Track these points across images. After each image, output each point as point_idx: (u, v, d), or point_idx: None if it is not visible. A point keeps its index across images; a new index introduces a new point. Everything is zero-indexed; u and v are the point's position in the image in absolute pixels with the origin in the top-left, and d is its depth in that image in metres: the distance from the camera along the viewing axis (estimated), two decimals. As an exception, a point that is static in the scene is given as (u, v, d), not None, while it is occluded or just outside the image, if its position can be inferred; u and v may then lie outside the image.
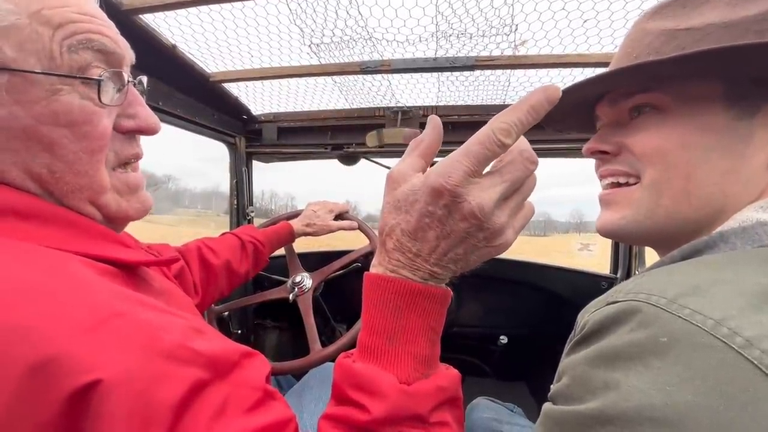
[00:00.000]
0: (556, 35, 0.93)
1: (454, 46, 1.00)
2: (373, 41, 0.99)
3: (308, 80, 1.23)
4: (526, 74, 1.10)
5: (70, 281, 0.28)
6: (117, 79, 0.37)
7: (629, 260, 1.19)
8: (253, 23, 0.93)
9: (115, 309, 0.27)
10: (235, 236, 0.98)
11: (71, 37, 0.33)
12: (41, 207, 0.33)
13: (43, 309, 0.25)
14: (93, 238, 0.36)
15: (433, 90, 1.26)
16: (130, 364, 0.25)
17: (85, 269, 0.31)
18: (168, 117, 1.11)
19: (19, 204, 0.32)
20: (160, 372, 0.26)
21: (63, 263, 0.30)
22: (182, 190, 39.11)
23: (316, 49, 1.03)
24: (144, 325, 0.28)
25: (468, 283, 1.55)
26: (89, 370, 0.24)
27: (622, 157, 0.45)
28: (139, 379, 0.25)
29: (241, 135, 1.45)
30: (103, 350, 0.25)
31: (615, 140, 0.44)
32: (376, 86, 1.24)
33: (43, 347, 0.23)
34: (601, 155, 0.46)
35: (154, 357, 0.26)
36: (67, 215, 0.35)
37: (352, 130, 1.40)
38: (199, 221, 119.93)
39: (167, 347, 0.27)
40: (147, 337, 0.27)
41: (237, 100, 1.32)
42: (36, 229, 0.32)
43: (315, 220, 1.15)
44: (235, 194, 1.49)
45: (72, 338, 0.24)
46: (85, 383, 0.23)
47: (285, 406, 0.34)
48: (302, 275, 1.13)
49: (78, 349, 0.24)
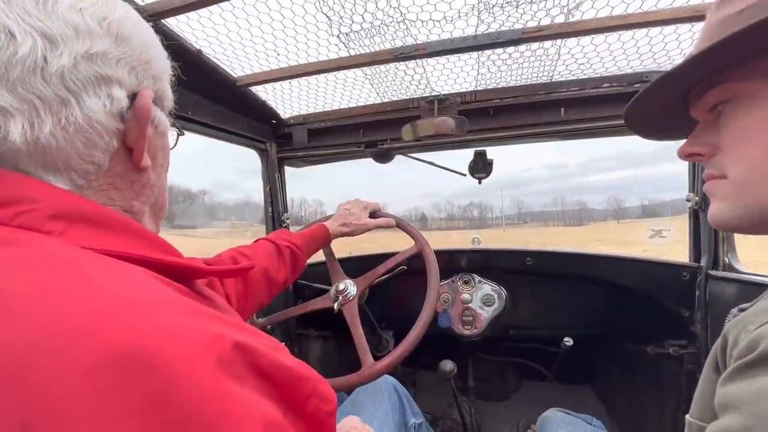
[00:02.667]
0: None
1: (497, 18, 0.89)
2: (406, 23, 0.91)
3: (337, 76, 1.16)
4: (580, 43, 0.97)
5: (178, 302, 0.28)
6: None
7: (715, 246, 1.04)
8: (277, 16, 0.87)
9: (215, 332, 0.26)
10: (270, 242, 0.92)
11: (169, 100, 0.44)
12: (113, 216, 0.35)
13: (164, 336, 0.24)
14: (160, 248, 0.37)
15: (472, 74, 1.16)
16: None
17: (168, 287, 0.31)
18: (199, 126, 1.08)
19: (91, 212, 0.33)
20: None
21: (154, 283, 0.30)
22: (215, 203, 39.75)
23: (345, 39, 0.96)
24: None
25: (523, 280, 1.44)
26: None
27: (716, 159, 0.41)
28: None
29: (271, 140, 1.41)
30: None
31: (707, 140, 0.41)
32: (410, 75, 1.15)
33: (169, 386, 0.22)
34: (696, 158, 0.44)
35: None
36: (135, 225, 0.37)
37: (386, 126, 1.32)
38: (234, 232, 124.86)
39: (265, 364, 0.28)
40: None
41: (265, 104, 1.28)
42: (106, 236, 0.33)
43: (350, 219, 1.08)
44: (269, 201, 1.45)
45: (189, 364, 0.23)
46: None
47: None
48: (345, 282, 1.06)
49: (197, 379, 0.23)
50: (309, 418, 0.31)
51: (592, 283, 1.31)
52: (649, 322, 1.23)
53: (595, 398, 1.61)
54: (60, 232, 0.30)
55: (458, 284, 1.44)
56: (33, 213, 0.30)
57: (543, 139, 1.30)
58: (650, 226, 8.09)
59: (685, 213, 1.14)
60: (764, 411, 0.24)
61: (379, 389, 0.97)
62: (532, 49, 1.01)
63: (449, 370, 1.19)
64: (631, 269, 1.24)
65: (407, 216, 13.11)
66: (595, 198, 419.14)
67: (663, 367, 1.21)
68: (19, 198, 0.30)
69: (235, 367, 0.25)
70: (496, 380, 1.75)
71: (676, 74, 0.38)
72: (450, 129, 1.16)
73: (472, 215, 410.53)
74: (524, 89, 1.19)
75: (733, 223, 0.40)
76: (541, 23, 0.91)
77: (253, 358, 0.27)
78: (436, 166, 1.44)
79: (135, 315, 0.24)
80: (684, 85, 0.41)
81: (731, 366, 0.29)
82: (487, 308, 1.40)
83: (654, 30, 0.91)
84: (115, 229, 0.34)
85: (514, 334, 1.49)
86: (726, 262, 1.03)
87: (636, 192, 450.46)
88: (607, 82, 1.13)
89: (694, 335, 1.10)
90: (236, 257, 0.84)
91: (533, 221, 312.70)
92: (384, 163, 1.44)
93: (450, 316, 1.43)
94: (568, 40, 0.95)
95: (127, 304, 0.25)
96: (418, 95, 1.26)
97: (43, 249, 0.28)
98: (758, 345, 0.27)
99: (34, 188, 0.31)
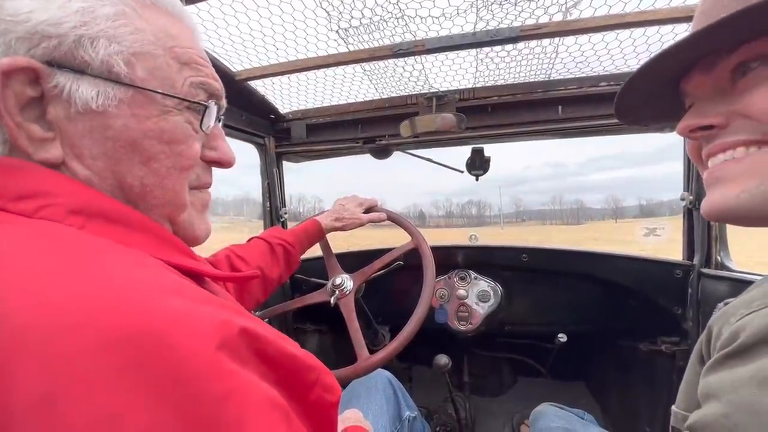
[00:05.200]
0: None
1: (495, 16, 0.90)
2: (405, 19, 0.91)
3: (336, 72, 1.16)
4: (578, 41, 0.98)
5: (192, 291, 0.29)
6: (215, 112, 0.42)
7: (708, 245, 1.05)
8: (277, 11, 0.87)
9: (223, 318, 0.27)
10: (263, 240, 0.94)
11: (194, 77, 0.39)
12: (128, 213, 0.35)
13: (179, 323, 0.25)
14: (174, 248, 0.38)
15: (470, 71, 1.16)
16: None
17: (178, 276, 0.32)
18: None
19: (110, 209, 0.34)
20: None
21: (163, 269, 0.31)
22: (214, 199, 41.40)
23: (344, 34, 0.96)
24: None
25: (519, 277, 1.45)
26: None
27: (735, 126, 0.36)
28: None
29: (270, 135, 1.41)
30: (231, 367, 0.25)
31: (720, 110, 0.37)
32: (408, 72, 1.16)
33: (180, 364, 0.23)
34: (703, 131, 0.39)
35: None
36: (152, 224, 0.37)
37: (384, 122, 1.33)
38: (233, 227, 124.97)
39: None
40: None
41: (264, 99, 1.28)
42: (122, 233, 0.34)
43: (344, 214, 1.10)
44: (267, 196, 1.45)
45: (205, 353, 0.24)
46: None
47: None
48: (342, 277, 1.06)
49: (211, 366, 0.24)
50: (311, 407, 0.32)
51: (586, 280, 1.33)
52: (643, 319, 1.25)
53: (589, 394, 1.63)
54: (80, 227, 0.31)
55: (454, 280, 1.45)
56: (54, 207, 0.31)
57: (540, 137, 1.30)
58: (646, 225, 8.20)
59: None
60: (742, 399, 0.25)
61: (374, 383, 0.98)
62: (530, 47, 1.02)
63: (444, 364, 1.20)
64: (625, 267, 1.25)
65: (406, 213, 12.98)
66: (594, 197, 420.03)
67: (655, 363, 1.23)
68: (41, 192, 0.31)
69: (241, 352, 0.26)
70: (491, 376, 1.76)
71: (719, 26, 0.33)
72: (448, 126, 1.16)
73: (471, 213, 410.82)
74: (522, 87, 1.19)
75: (752, 205, 0.35)
76: (539, 21, 0.91)
77: (259, 343, 0.28)
78: (434, 162, 1.45)
79: (147, 298, 0.25)
80: (706, 50, 0.37)
81: (713, 357, 0.30)
82: (483, 304, 1.41)
83: (651, 29, 0.92)
84: (133, 228, 0.35)
85: (509, 330, 1.50)
86: (718, 260, 1.04)
87: (634, 191, 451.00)
88: (605, 80, 1.13)
89: (686, 332, 1.11)
90: (231, 257, 0.85)
91: (531, 219, 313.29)
92: (382, 159, 1.44)
93: (446, 312, 1.44)
94: (566, 38, 0.95)
95: (140, 288, 0.26)
96: (416, 92, 1.27)
97: (65, 236, 0.29)
98: (738, 336, 0.28)
99: (55, 182, 0.33)
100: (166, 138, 0.37)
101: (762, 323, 0.27)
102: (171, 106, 0.37)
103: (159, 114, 0.36)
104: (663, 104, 0.45)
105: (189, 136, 0.39)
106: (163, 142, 0.37)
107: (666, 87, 0.42)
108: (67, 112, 0.34)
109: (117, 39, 0.34)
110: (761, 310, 0.28)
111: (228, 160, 0.45)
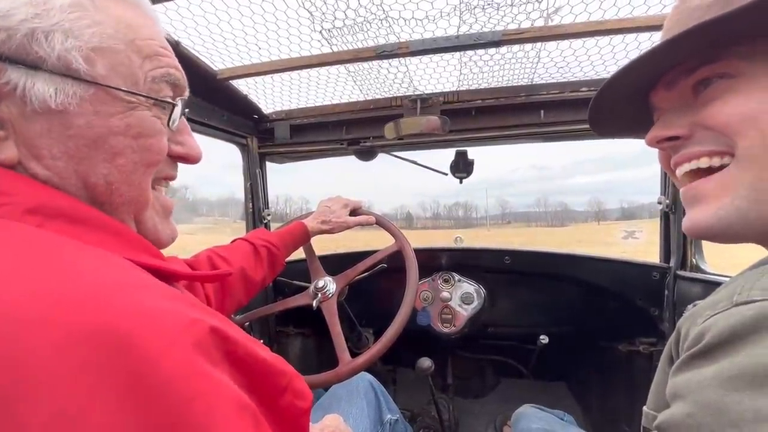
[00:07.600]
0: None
1: (479, 20, 0.90)
2: (389, 21, 0.91)
3: (320, 72, 1.15)
4: (559, 47, 0.99)
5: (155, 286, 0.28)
6: (180, 107, 0.41)
7: (684, 248, 1.07)
8: (258, 10, 0.86)
9: (192, 316, 0.26)
10: (247, 242, 0.91)
11: (155, 70, 0.37)
12: (89, 212, 0.34)
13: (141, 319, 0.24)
14: (139, 248, 0.37)
15: (454, 74, 1.17)
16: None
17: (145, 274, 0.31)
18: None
19: (69, 208, 0.33)
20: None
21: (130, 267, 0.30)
22: (199, 199, 38.89)
23: (327, 35, 0.95)
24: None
25: (502, 279, 1.46)
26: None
27: (698, 137, 0.38)
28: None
29: (252, 135, 1.39)
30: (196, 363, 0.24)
31: (684, 122, 0.39)
32: (393, 74, 1.16)
33: (145, 363, 0.22)
34: (669, 142, 0.40)
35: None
36: (114, 224, 0.36)
37: (369, 123, 1.32)
38: (216, 228, 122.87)
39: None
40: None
41: (247, 99, 1.26)
42: (84, 231, 0.32)
43: (330, 217, 1.08)
44: (250, 197, 1.43)
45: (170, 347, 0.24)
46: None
47: None
48: (325, 279, 1.05)
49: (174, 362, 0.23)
50: (281, 414, 0.31)
51: (567, 282, 1.35)
52: (622, 320, 1.27)
53: (570, 395, 1.65)
54: (37, 225, 0.30)
55: (438, 282, 1.45)
56: (9, 207, 0.30)
57: (523, 141, 1.32)
58: (625, 228, 8.35)
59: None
60: (706, 399, 0.26)
61: (355, 386, 0.97)
62: (513, 51, 1.03)
63: (426, 368, 1.20)
64: (604, 269, 1.28)
65: (393, 215, 13.25)
66: (577, 199, 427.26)
67: (634, 364, 1.25)
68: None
69: (211, 352, 0.25)
70: (475, 378, 1.77)
71: (663, 50, 0.35)
72: (432, 128, 1.17)
73: (458, 215, 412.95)
74: (505, 91, 1.20)
75: (728, 222, 0.35)
76: (521, 26, 0.92)
77: (229, 345, 0.27)
78: (418, 164, 1.45)
79: (110, 296, 0.24)
80: (671, 63, 0.38)
81: (680, 357, 0.30)
82: (467, 306, 1.41)
83: (630, 36, 0.94)
84: (94, 227, 0.33)
85: (493, 332, 1.51)
86: (693, 263, 1.07)
87: (616, 194, 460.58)
88: (586, 86, 1.15)
89: (663, 333, 1.14)
90: (213, 258, 0.83)
91: (517, 221, 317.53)
92: (367, 160, 1.44)
93: (429, 314, 1.44)
94: (548, 43, 0.97)
95: (103, 284, 0.25)
96: (401, 93, 1.27)
97: (22, 234, 0.28)
98: (704, 337, 0.28)
99: (10, 182, 0.31)
100: (132, 133, 0.36)
101: (725, 324, 0.27)
102: (136, 102, 0.36)
103: (124, 110, 0.35)
104: (633, 117, 0.46)
105: (158, 131, 0.38)
106: (129, 136, 0.35)
107: (634, 101, 0.43)
108: (21, 111, 0.32)
109: (74, 33, 0.32)
110: (725, 311, 0.29)
111: (195, 156, 0.44)
